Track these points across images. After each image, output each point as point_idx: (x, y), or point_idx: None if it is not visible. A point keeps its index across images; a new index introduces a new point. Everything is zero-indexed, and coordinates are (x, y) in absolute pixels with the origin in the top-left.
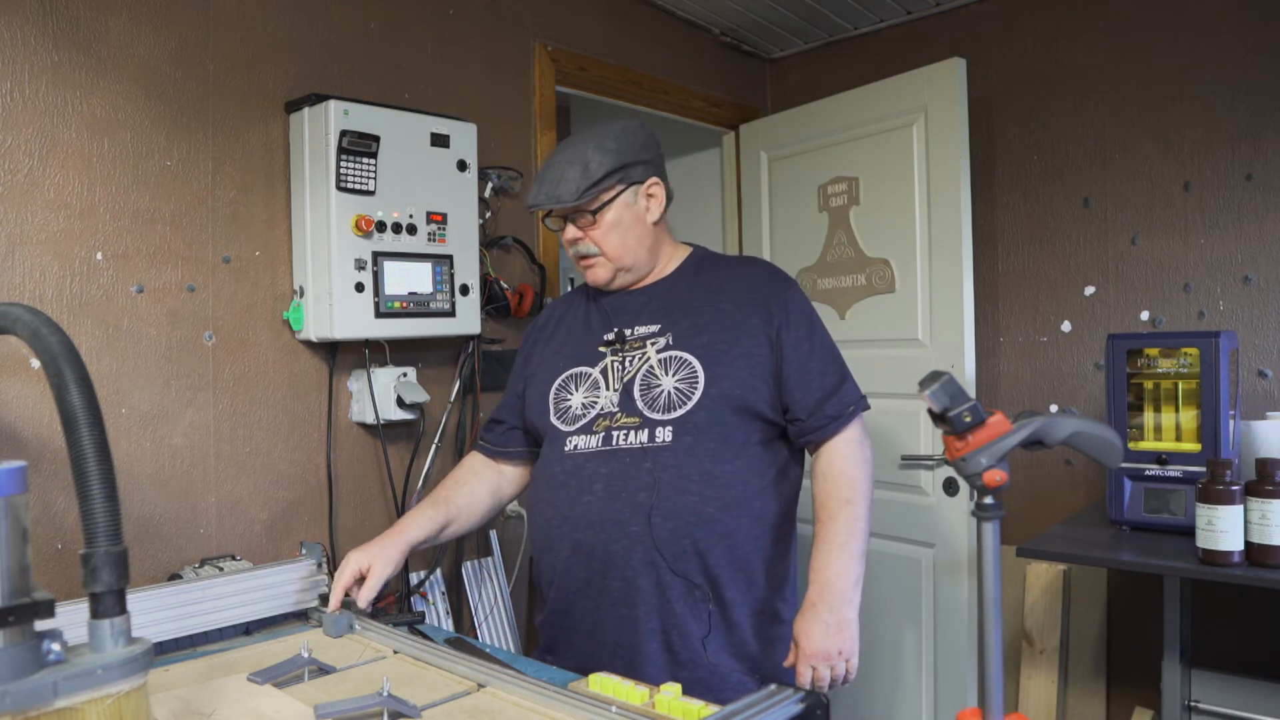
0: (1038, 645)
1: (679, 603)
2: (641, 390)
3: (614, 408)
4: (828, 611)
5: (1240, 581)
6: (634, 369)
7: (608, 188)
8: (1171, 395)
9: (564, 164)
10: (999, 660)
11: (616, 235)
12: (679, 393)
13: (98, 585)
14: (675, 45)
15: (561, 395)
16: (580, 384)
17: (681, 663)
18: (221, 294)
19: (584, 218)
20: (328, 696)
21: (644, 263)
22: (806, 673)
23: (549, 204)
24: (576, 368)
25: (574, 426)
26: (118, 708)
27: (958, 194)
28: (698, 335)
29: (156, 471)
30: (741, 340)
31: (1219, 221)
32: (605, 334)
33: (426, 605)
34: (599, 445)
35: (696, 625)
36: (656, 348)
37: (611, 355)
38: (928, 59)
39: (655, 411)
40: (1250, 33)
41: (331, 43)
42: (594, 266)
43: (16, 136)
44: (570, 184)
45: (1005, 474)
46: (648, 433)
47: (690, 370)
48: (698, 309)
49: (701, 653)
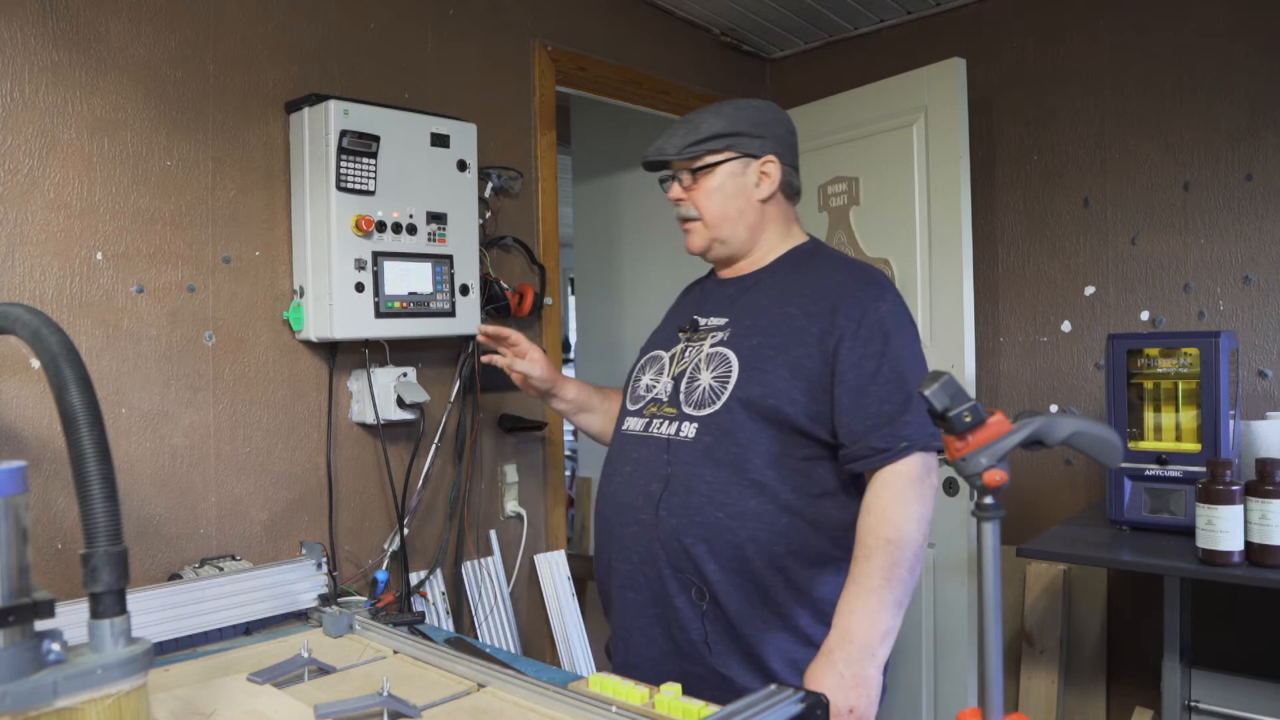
0: (1038, 645)
1: (678, 598)
2: (687, 383)
3: (664, 396)
4: (844, 663)
5: (1240, 581)
6: (690, 360)
7: (712, 149)
8: (1171, 395)
9: (680, 124)
10: (999, 660)
11: (717, 201)
12: (711, 391)
13: (98, 585)
14: (675, 45)
15: (637, 375)
16: (650, 367)
17: (684, 655)
18: (221, 294)
19: (685, 177)
20: (328, 696)
21: (742, 240)
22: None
23: (654, 155)
24: (655, 350)
25: (635, 408)
26: (118, 708)
27: (958, 194)
28: (751, 336)
29: (156, 471)
30: (792, 349)
31: (1219, 221)
32: (685, 321)
33: (426, 605)
34: (640, 430)
35: (694, 624)
36: (712, 341)
37: (684, 342)
38: (928, 59)
39: (690, 406)
40: (1250, 33)
41: (331, 43)
42: (691, 231)
43: (16, 136)
44: (676, 140)
45: (1005, 474)
46: (676, 426)
47: (726, 369)
48: (764, 309)
49: (705, 654)
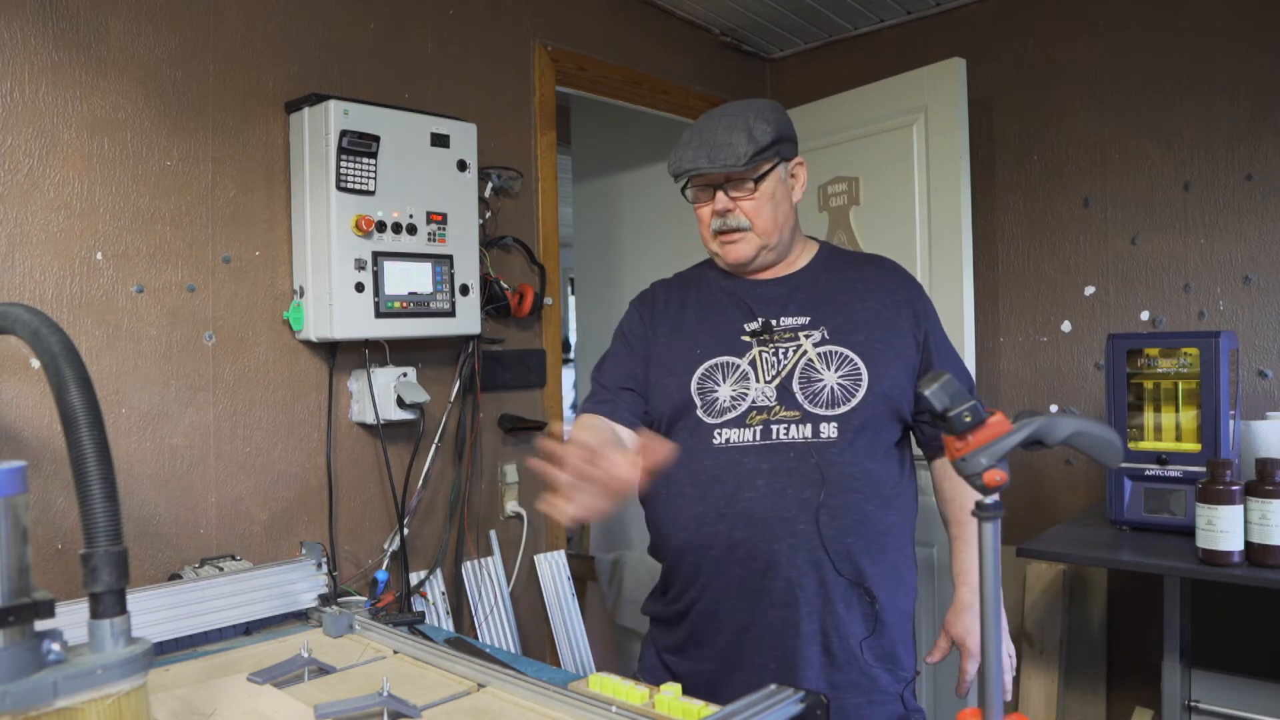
0: (1038, 645)
1: (840, 603)
2: (801, 384)
3: (770, 401)
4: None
5: (1240, 581)
6: (790, 361)
7: (769, 157)
8: (1171, 395)
9: (725, 130)
10: (999, 660)
11: (770, 209)
12: (843, 389)
13: (98, 585)
14: (675, 45)
15: (707, 386)
16: (728, 375)
17: (838, 665)
18: (221, 294)
19: (744, 186)
20: (328, 696)
21: (786, 244)
22: (972, 668)
23: (713, 168)
24: (720, 357)
25: (723, 419)
26: (118, 708)
27: (958, 194)
28: (854, 332)
29: (156, 471)
30: (894, 341)
31: (1219, 221)
32: (747, 323)
33: (426, 605)
34: (757, 439)
35: (856, 627)
36: (813, 341)
37: (759, 346)
38: (928, 59)
39: (818, 406)
40: (1250, 33)
41: (331, 43)
42: (739, 242)
43: (16, 136)
44: (738, 149)
45: (1005, 474)
46: (811, 427)
47: (853, 367)
48: (847, 305)
49: (859, 654)
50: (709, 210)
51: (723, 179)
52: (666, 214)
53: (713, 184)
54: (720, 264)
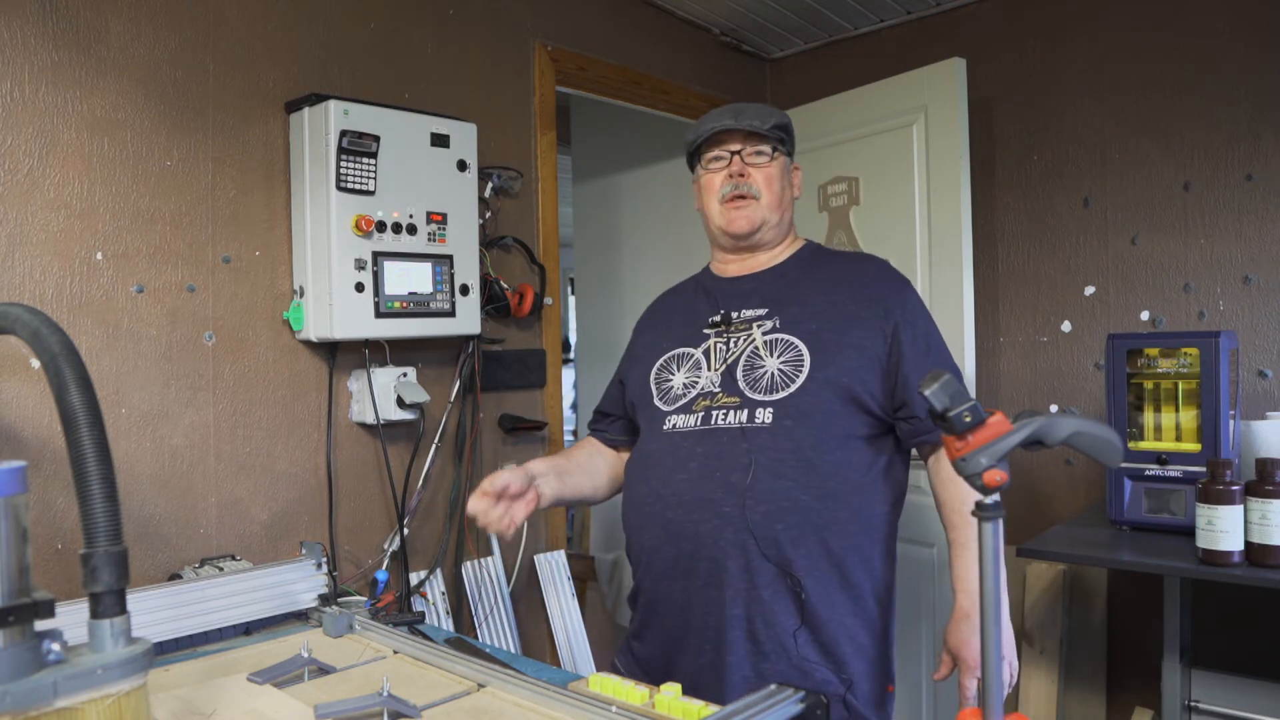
0: (1038, 645)
1: (767, 589)
2: (744, 371)
3: (715, 388)
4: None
5: (1240, 581)
6: (738, 350)
7: (783, 137)
8: (1171, 395)
9: (748, 105)
10: (999, 660)
11: (778, 185)
12: (783, 375)
13: (98, 585)
14: (675, 45)
15: (663, 376)
16: (682, 364)
17: (765, 654)
18: (221, 294)
19: (760, 156)
20: (328, 696)
21: (782, 229)
22: (972, 684)
23: (739, 125)
24: (679, 349)
25: (673, 406)
26: (118, 708)
27: (958, 194)
28: (806, 321)
29: (156, 471)
30: (850, 332)
31: (1219, 221)
32: (711, 316)
33: (426, 605)
34: (697, 424)
35: (786, 616)
36: (763, 330)
37: (716, 337)
38: (928, 59)
39: (757, 392)
40: (1250, 33)
41: (331, 43)
42: (746, 208)
43: (16, 136)
44: (762, 117)
45: (1005, 474)
46: (747, 413)
47: (796, 353)
48: (807, 298)
49: (792, 646)
50: (721, 176)
51: (740, 145)
52: (666, 214)
53: (730, 150)
54: (720, 238)
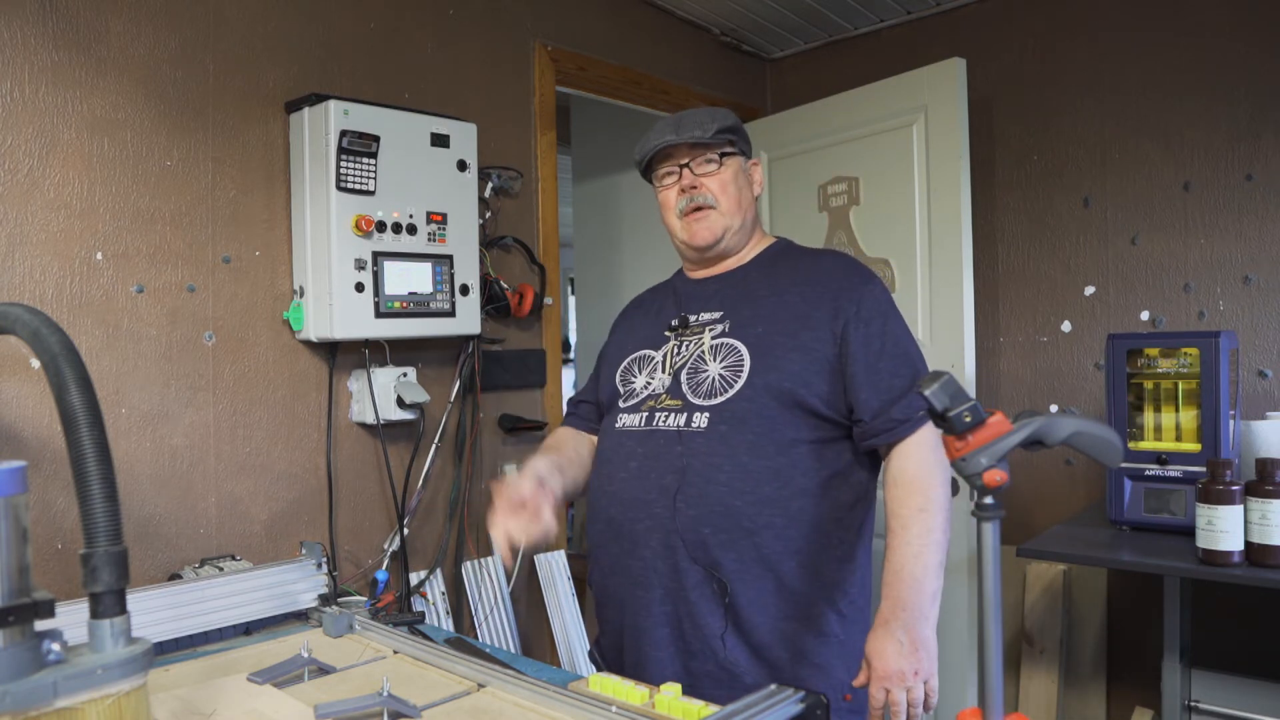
0: (1038, 645)
1: (694, 591)
2: (689, 375)
3: (663, 390)
4: (901, 629)
5: (1240, 581)
6: (688, 354)
7: (731, 139)
8: (1171, 395)
9: (688, 116)
10: (999, 660)
11: (734, 189)
12: (723, 380)
13: (98, 585)
14: (675, 45)
15: (628, 377)
16: (644, 366)
17: (693, 653)
18: (221, 294)
19: (710, 164)
20: (328, 696)
21: (746, 232)
22: (880, 695)
23: (681, 139)
24: (643, 350)
25: (628, 405)
26: (118, 708)
27: (958, 194)
28: (754, 324)
29: (156, 471)
30: (800, 334)
31: (1219, 221)
32: (673, 319)
33: (426, 605)
34: (641, 424)
35: (713, 618)
36: (713, 334)
37: (674, 339)
38: (928, 59)
39: (698, 397)
40: (1250, 33)
41: (331, 43)
42: (706, 219)
43: (16, 136)
44: (703, 125)
45: (1005, 474)
46: (685, 417)
47: (737, 358)
48: (761, 299)
49: (720, 648)
50: (674, 191)
51: (688, 158)
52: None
53: (678, 164)
54: (686, 251)
